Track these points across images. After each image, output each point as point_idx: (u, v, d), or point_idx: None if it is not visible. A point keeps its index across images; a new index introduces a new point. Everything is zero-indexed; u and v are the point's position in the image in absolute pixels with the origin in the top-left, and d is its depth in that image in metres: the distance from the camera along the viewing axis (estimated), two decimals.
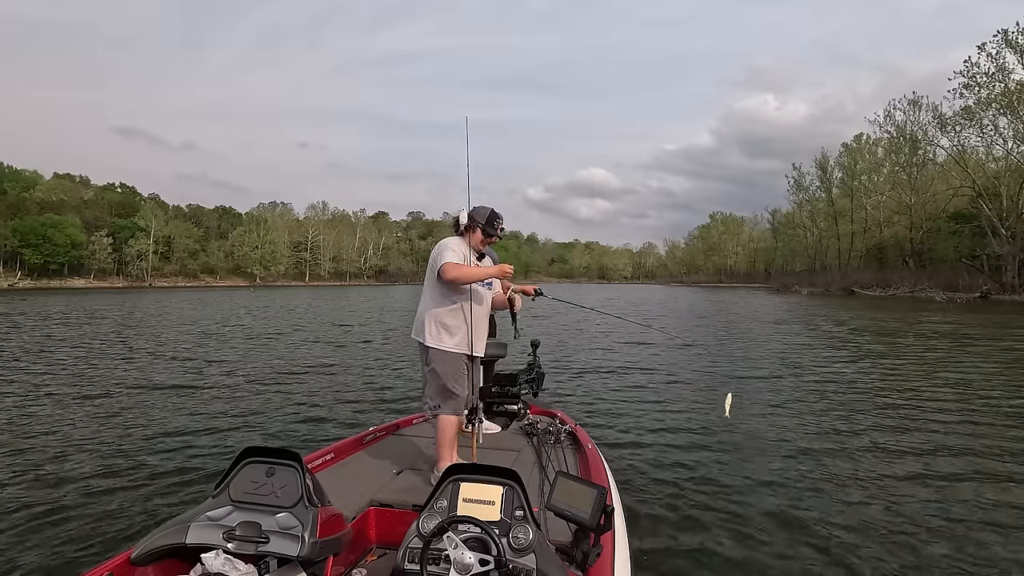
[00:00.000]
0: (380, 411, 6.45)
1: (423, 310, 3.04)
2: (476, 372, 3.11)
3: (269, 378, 8.51)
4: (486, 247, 3.17)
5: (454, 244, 2.98)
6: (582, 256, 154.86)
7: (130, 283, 71.95)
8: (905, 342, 13.71)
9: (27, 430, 5.46)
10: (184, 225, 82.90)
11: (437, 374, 2.95)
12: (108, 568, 1.74)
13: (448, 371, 2.94)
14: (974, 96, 43.44)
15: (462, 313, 2.96)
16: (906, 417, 6.20)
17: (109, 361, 10.04)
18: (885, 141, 58.02)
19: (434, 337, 2.96)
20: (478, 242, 3.05)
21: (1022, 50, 39.95)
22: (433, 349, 2.96)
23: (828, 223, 69.68)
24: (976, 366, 9.83)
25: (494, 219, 3.04)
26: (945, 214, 48.62)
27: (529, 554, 1.72)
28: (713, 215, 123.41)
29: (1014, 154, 42.39)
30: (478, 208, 3.07)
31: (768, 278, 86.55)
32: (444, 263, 2.87)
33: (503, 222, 3.07)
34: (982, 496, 3.97)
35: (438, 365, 2.95)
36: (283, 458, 1.93)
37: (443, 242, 3.03)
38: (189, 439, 5.23)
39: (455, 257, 2.90)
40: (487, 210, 3.05)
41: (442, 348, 2.95)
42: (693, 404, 6.99)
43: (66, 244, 64.83)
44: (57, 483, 4.05)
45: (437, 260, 2.93)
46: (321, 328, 16.85)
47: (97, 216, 72.10)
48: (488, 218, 3.03)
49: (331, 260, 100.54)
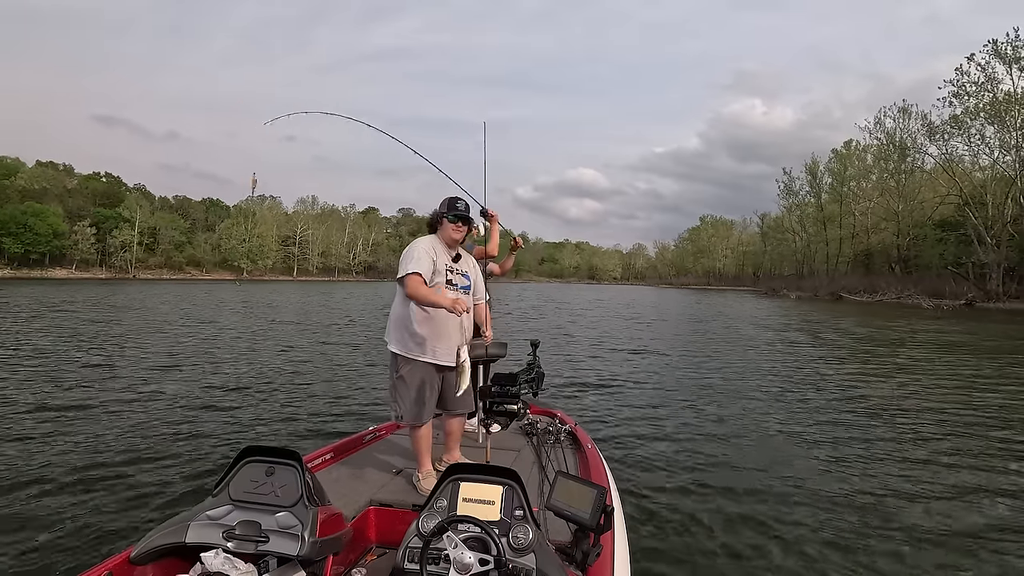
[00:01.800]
0: (380, 411, 6.36)
1: (392, 314, 2.90)
2: (455, 380, 2.87)
3: (269, 377, 8.34)
4: (466, 244, 3.05)
5: (422, 249, 2.78)
6: (572, 256, 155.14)
7: (113, 274, 70.67)
8: (906, 351, 13.74)
9: (26, 430, 5.31)
10: (170, 216, 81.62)
11: (402, 381, 2.82)
12: (108, 567, 1.72)
13: (412, 381, 2.80)
14: (962, 105, 44.02)
15: (432, 321, 2.77)
16: (910, 424, 6.13)
17: (107, 361, 9.62)
18: (874, 148, 58.70)
19: (400, 343, 2.83)
20: (450, 238, 2.87)
21: (1011, 60, 40.49)
22: (400, 356, 2.83)
23: (817, 228, 70.32)
24: (985, 375, 9.80)
25: (455, 202, 2.87)
26: (931, 222, 49.23)
27: (529, 554, 1.70)
28: (703, 218, 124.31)
29: (1000, 163, 43.00)
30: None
31: (756, 281, 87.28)
32: (407, 276, 2.70)
33: (464, 202, 2.92)
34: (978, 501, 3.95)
35: (404, 373, 2.81)
36: (283, 457, 1.92)
37: (412, 244, 2.85)
38: (189, 438, 5.14)
39: (421, 267, 2.70)
40: (446, 199, 2.91)
41: (408, 356, 2.80)
42: (693, 404, 6.98)
43: (48, 234, 63.50)
44: (57, 482, 3.99)
45: (401, 266, 2.76)
46: (320, 328, 16.69)
47: (80, 206, 70.75)
48: (447, 204, 2.87)
49: (320, 255, 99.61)
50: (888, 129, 55.32)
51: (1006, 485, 4.32)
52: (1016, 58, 40.16)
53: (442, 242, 2.90)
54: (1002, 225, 41.22)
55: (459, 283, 2.89)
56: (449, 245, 2.91)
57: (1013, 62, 40.35)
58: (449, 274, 2.84)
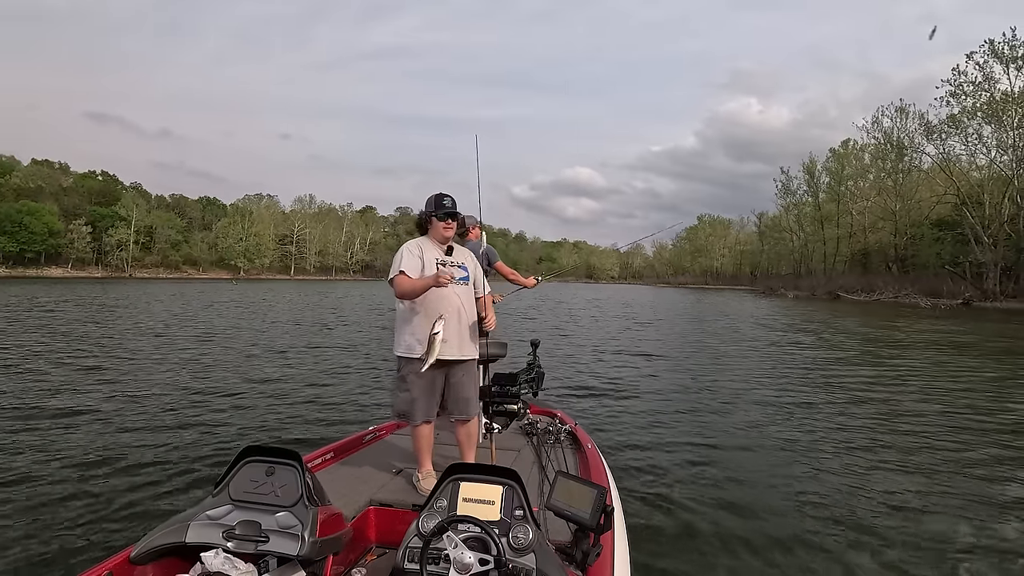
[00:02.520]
0: (380, 411, 6.35)
1: (396, 321, 2.96)
2: (450, 379, 2.87)
3: (269, 378, 8.27)
4: (465, 239, 3.05)
5: (406, 249, 2.84)
6: (570, 255, 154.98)
7: (109, 273, 70.40)
8: (910, 352, 13.72)
9: (24, 430, 5.29)
10: (167, 215, 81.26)
11: (404, 380, 2.85)
12: (108, 567, 1.72)
13: (406, 378, 2.83)
14: (960, 105, 44.06)
15: (428, 317, 2.76)
16: (919, 427, 6.04)
17: (105, 360, 9.53)
18: (872, 147, 58.72)
19: (403, 345, 2.85)
20: (441, 236, 2.89)
21: (1008, 60, 40.52)
22: (403, 358, 2.86)
23: (814, 227, 70.37)
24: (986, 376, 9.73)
25: (441, 199, 2.86)
26: (929, 221, 49.28)
27: (529, 554, 1.70)
28: (701, 217, 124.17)
29: (997, 163, 43.06)
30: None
31: (753, 281, 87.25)
32: (394, 279, 2.76)
33: (450, 197, 2.89)
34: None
35: (406, 371, 2.84)
36: (283, 457, 1.92)
37: (400, 248, 2.90)
38: (189, 438, 5.12)
39: (406, 265, 2.76)
40: (431, 198, 2.91)
41: (409, 356, 2.82)
42: (693, 404, 6.96)
43: (43, 232, 63.21)
44: (56, 482, 3.98)
45: (391, 272, 2.81)
46: (319, 328, 16.63)
47: (76, 204, 70.42)
48: (434, 203, 2.87)
49: (317, 254, 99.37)
50: (886, 128, 55.45)
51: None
52: (1013, 58, 40.21)
53: (432, 241, 2.90)
54: (999, 224, 41.26)
55: (453, 275, 2.84)
56: (441, 243, 2.91)
57: (1010, 62, 40.40)
58: (440, 267, 2.81)
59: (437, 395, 2.84)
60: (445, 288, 2.75)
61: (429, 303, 2.77)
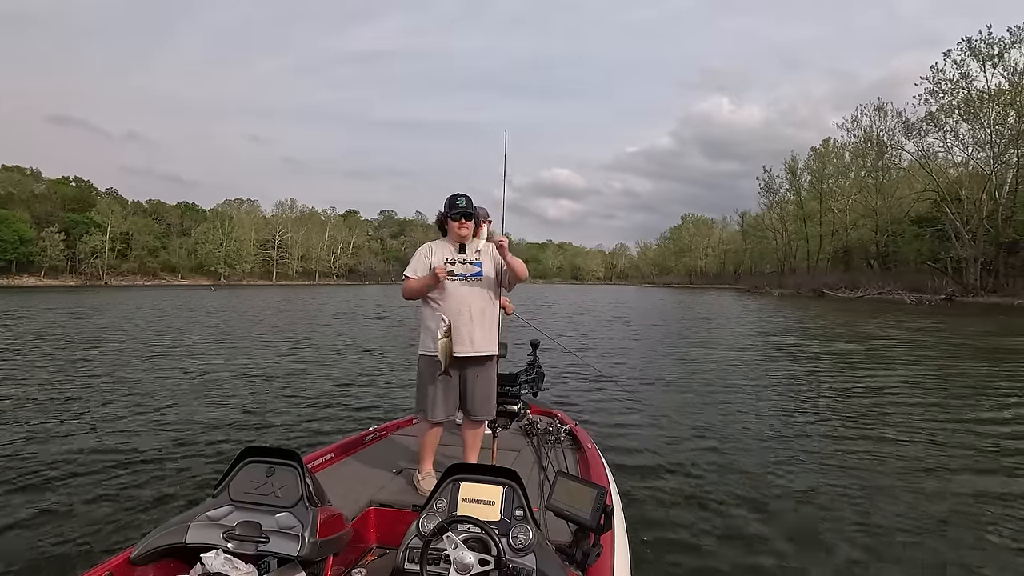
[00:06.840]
0: (380, 411, 6.41)
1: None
2: (467, 377, 2.89)
3: (269, 379, 8.30)
4: (481, 235, 3.08)
5: (417, 253, 2.96)
6: (555, 257, 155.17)
7: (84, 281, 68.56)
8: (906, 349, 13.66)
9: (24, 430, 5.31)
10: (144, 221, 79.50)
11: (423, 377, 2.90)
12: (108, 568, 1.72)
13: (423, 375, 2.88)
14: (938, 102, 44.77)
15: (438, 317, 2.81)
16: (920, 426, 5.91)
17: (104, 361, 9.55)
18: (852, 145, 59.50)
19: (423, 346, 2.91)
20: (456, 235, 2.93)
21: (984, 58, 41.24)
22: (424, 356, 2.91)
23: (797, 225, 71.13)
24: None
25: (455, 200, 2.90)
26: (909, 218, 49.95)
27: (529, 554, 1.69)
28: (684, 216, 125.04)
29: (975, 159, 43.80)
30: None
31: (738, 279, 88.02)
32: (403, 285, 2.92)
33: (464, 197, 2.91)
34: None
35: (424, 368, 2.89)
36: (283, 458, 1.91)
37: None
38: (189, 439, 5.12)
39: (410, 268, 2.91)
40: (448, 198, 2.96)
41: (428, 354, 2.86)
42: (693, 404, 6.95)
43: (14, 240, 61.38)
44: (56, 483, 3.99)
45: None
46: (320, 328, 16.65)
47: (48, 211, 68.59)
48: (448, 204, 2.92)
49: (299, 259, 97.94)
50: (865, 127, 56.21)
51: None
52: (990, 55, 40.94)
53: (449, 241, 2.96)
54: (978, 220, 41.93)
55: (465, 271, 2.87)
56: (457, 242, 2.95)
57: (987, 59, 41.12)
58: (450, 265, 2.86)
59: (454, 393, 2.85)
60: (453, 285, 2.82)
61: (440, 302, 2.83)
